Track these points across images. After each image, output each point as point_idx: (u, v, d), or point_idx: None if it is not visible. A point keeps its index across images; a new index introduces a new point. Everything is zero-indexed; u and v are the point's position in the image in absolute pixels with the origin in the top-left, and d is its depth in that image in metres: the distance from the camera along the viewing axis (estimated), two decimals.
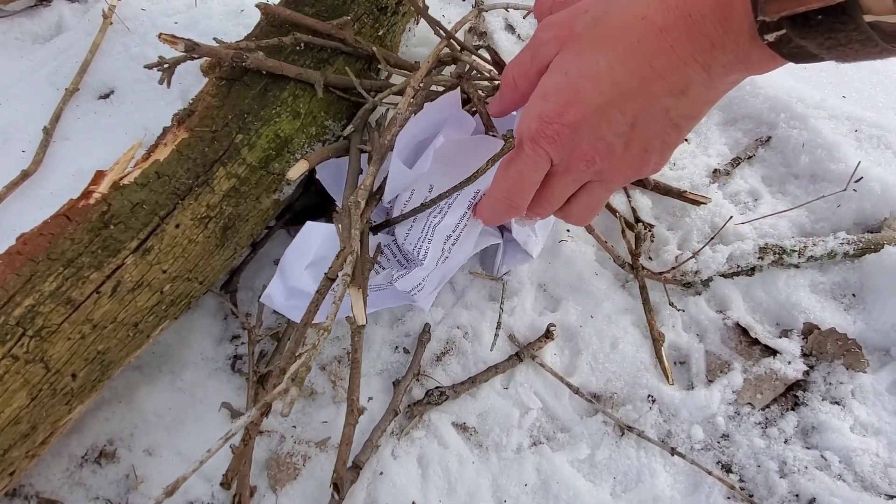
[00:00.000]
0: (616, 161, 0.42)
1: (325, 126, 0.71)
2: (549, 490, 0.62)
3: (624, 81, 0.38)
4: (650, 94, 0.38)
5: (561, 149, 0.42)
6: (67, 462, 0.60)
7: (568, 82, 0.40)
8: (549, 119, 0.41)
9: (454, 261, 0.64)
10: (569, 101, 0.40)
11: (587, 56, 0.39)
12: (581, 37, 0.40)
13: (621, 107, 0.39)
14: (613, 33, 0.38)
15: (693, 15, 0.35)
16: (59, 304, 0.50)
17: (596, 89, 0.39)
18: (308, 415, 0.66)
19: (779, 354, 0.70)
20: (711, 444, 0.66)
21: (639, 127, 0.40)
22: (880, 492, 0.62)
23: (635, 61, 0.37)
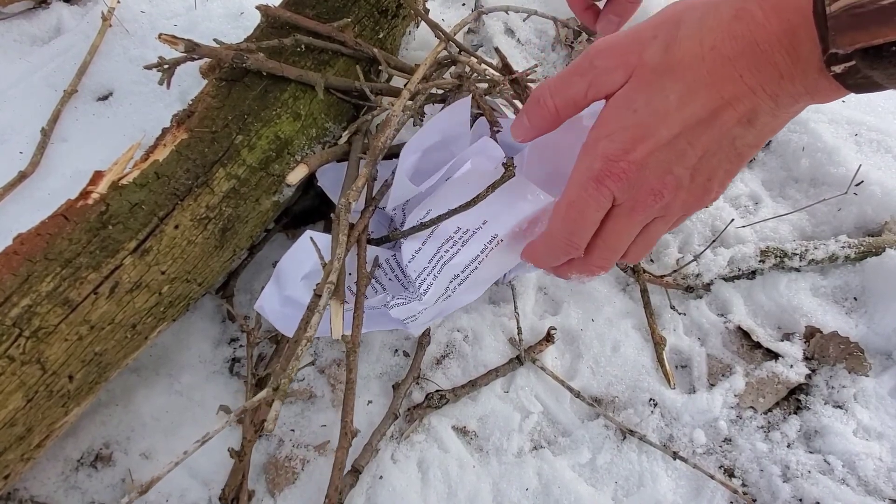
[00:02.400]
0: (683, 193, 0.41)
1: (325, 128, 0.71)
2: (551, 494, 0.62)
3: (695, 113, 0.37)
4: (720, 125, 0.37)
5: (627, 186, 0.40)
6: (63, 465, 0.59)
7: (636, 120, 0.38)
8: (616, 157, 0.39)
9: (457, 301, 0.63)
10: (636, 139, 0.38)
11: (657, 90, 0.38)
12: (650, 66, 0.38)
13: (691, 139, 0.38)
14: (683, 63, 0.37)
15: (761, 44, 0.34)
16: (56, 304, 0.50)
17: (666, 125, 0.38)
18: (307, 418, 0.65)
19: (781, 358, 0.70)
20: (714, 449, 0.65)
21: (706, 157, 0.39)
22: (884, 496, 0.61)
23: (706, 92, 0.36)
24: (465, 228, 0.59)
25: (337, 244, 0.57)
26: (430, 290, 0.60)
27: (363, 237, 0.61)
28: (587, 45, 0.95)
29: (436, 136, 0.62)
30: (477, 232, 0.59)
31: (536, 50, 1.00)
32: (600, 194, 0.41)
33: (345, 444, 0.54)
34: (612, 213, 0.42)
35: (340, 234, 0.58)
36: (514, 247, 0.61)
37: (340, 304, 0.56)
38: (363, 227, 0.62)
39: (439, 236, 0.61)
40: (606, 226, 0.43)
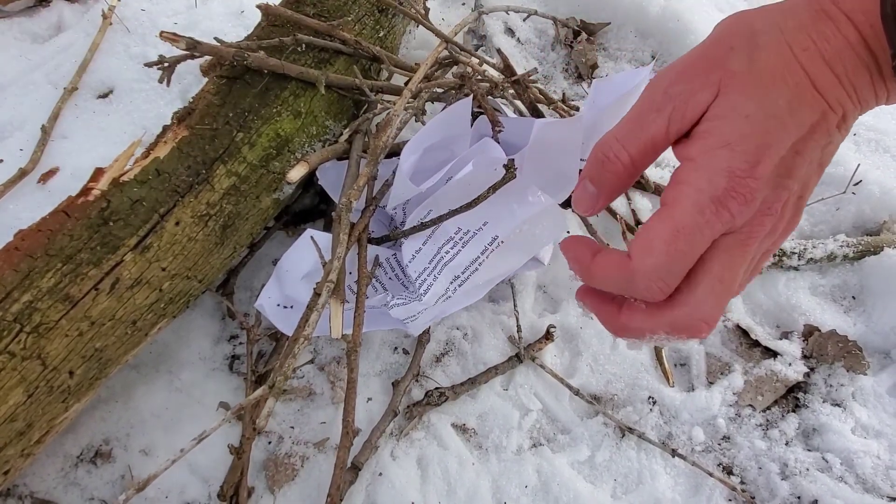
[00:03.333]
0: (788, 212, 0.35)
1: (325, 126, 0.71)
2: (550, 492, 0.62)
3: (807, 119, 0.33)
4: (826, 129, 0.34)
5: (750, 210, 0.34)
6: (62, 462, 0.59)
7: (753, 128, 0.33)
8: (743, 173, 0.33)
9: (456, 302, 0.63)
10: (761, 148, 0.33)
11: (763, 95, 0.34)
12: (742, 75, 0.34)
13: (800, 147, 0.34)
14: (781, 67, 0.34)
15: (853, 45, 0.32)
16: (56, 300, 0.50)
17: (786, 131, 0.33)
18: (306, 415, 0.65)
19: (779, 356, 0.70)
20: (712, 446, 0.65)
21: (808, 168, 0.35)
22: (882, 493, 0.61)
23: (813, 97, 0.33)
24: (465, 229, 0.60)
25: (338, 243, 0.57)
26: (431, 290, 0.60)
27: (364, 236, 0.62)
28: (585, 45, 0.95)
29: (436, 135, 0.62)
30: (478, 233, 0.59)
31: (536, 49, 1.00)
32: (719, 220, 0.33)
33: (346, 444, 0.55)
34: (723, 245, 0.34)
35: (341, 234, 0.58)
36: (514, 249, 0.61)
37: (340, 303, 0.56)
38: (364, 226, 0.62)
39: (440, 237, 0.61)
40: (719, 260, 0.34)
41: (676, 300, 0.35)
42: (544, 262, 0.71)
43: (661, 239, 0.33)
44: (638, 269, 0.34)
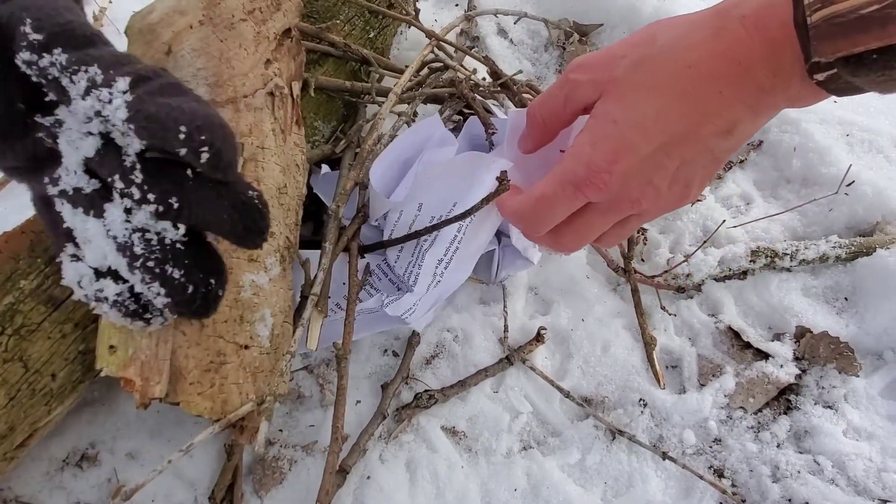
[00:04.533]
0: (661, 200, 0.42)
1: (314, 127, 0.71)
2: (540, 495, 0.61)
3: (673, 128, 0.38)
4: (698, 137, 0.38)
5: (606, 194, 0.41)
6: (47, 465, 0.59)
7: (617, 131, 0.40)
8: (598, 168, 0.40)
9: (448, 284, 0.63)
10: (618, 150, 0.40)
11: (633, 103, 0.39)
12: (623, 82, 0.40)
13: (669, 152, 0.39)
14: (659, 80, 0.38)
15: (742, 63, 0.36)
16: (39, 302, 0.50)
17: (645, 138, 0.39)
18: (295, 418, 0.64)
19: (771, 358, 0.69)
20: (703, 449, 0.65)
21: (684, 167, 0.40)
22: (873, 496, 0.61)
23: (684, 107, 0.38)
24: (437, 215, 0.60)
25: (323, 253, 0.58)
26: (419, 280, 0.60)
27: (353, 245, 0.61)
28: (578, 46, 0.95)
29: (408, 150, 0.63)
30: (449, 216, 0.60)
31: (529, 51, 1.00)
32: (575, 198, 0.42)
33: (336, 449, 0.54)
34: (587, 208, 0.44)
35: (328, 243, 0.58)
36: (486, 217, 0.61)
37: (320, 315, 0.56)
38: (352, 233, 0.62)
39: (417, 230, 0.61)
40: (580, 217, 0.44)
41: (552, 232, 0.46)
42: (534, 261, 0.70)
43: (533, 197, 0.44)
44: (515, 213, 0.47)
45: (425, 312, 0.64)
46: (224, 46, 0.56)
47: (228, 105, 0.55)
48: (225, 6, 0.57)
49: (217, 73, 0.55)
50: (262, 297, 0.52)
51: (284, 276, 0.56)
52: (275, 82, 0.59)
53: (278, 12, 0.62)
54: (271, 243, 0.55)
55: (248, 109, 0.56)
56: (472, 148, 0.66)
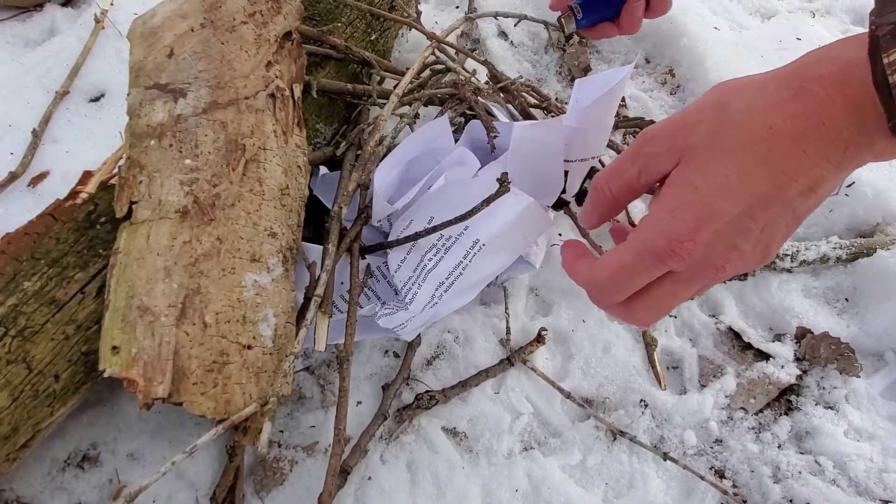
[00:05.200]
0: (744, 262, 0.41)
1: (315, 129, 0.71)
2: (540, 496, 0.61)
3: (756, 190, 0.38)
4: (783, 198, 0.38)
5: (687, 264, 0.40)
6: (49, 466, 0.59)
7: (698, 197, 0.38)
8: (681, 238, 0.38)
9: (446, 306, 0.63)
10: (702, 218, 0.38)
11: (714, 168, 0.38)
12: (700, 149, 0.39)
13: (753, 215, 0.38)
14: (738, 143, 0.38)
15: (826, 122, 0.35)
16: (42, 303, 0.50)
17: (729, 202, 0.38)
18: (296, 419, 0.65)
19: (772, 359, 0.69)
20: (704, 450, 0.65)
21: (768, 228, 0.40)
22: (874, 497, 0.61)
23: (767, 169, 0.37)
24: (447, 235, 0.60)
25: (326, 254, 0.58)
26: (416, 298, 0.60)
27: (356, 246, 0.62)
28: (578, 48, 0.95)
29: (416, 150, 0.63)
30: (459, 238, 0.59)
31: (529, 52, 1.00)
32: (656, 269, 0.40)
33: (338, 451, 0.54)
34: (666, 277, 0.41)
35: (330, 244, 0.58)
36: (497, 251, 0.61)
37: (326, 317, 0.56)
38: (355, 235, 0.62)
39: (423, 245, 0.61)
40: (660, 287, 0.42)
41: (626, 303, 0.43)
42: (535, 265, 0.70)
43: (608, 268, 0.42)
44: (590, 284, 0.44)
45: (418, 328, 0.64)
46: (225, 49, 0.57)
47: (230, 107, 0.55)
48: (226, 9, 0.58)
49: (218, 76, 0.56)
50: (264, 297, 0.52)
51: (287, 276, 0.56)
52: (276, 84, 0.59)
53: (279, 15, 0.62)
54: (274, 244, 0.55)
55: (249, 111, 0.57)
56: (473, 150, 0.67)
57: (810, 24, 1.05)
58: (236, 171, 0.54)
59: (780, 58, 0.98)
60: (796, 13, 1.09)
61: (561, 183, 0.67)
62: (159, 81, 0.54)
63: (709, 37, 0.96)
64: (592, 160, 0.69)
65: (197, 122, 0.54)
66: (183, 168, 0.52)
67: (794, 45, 0.99)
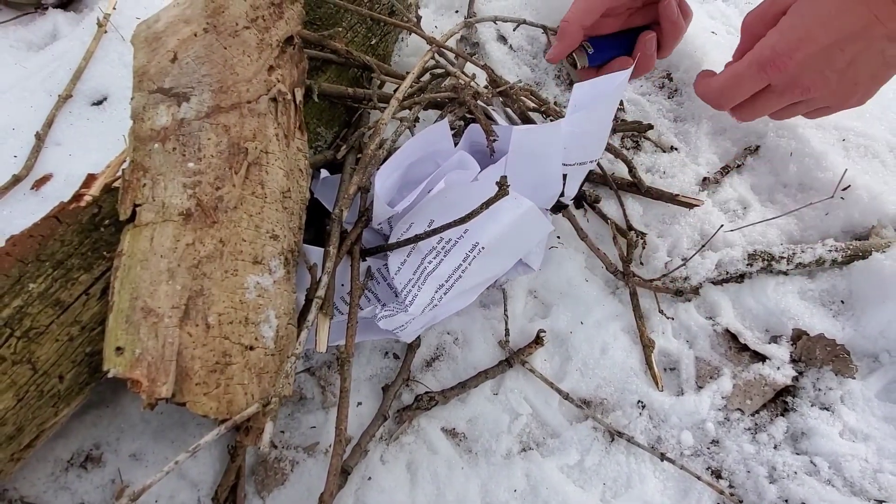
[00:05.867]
0: (828, 92, 0.51)
1: (316, 133, 0.71)
2: (539, 495, 0.62)
3: (849, 25, 0.47)
4: (870, 37, 0.47)
5: (783, 77, 0.50)
6: (53, 466, 0.59)
7: (802, 22, 0.49)
8: (781, 52, 0.50)
9: (445, 309, 0.64)
10: (801, 39, 0.49)
11: (819, 3, 0.48)
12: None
13: (843, 47, 0.47)
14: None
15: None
16: (47, 305, 0.50)
17: (824, 31, 0.48)
18: (297, 420, 0.65)
19: (768, 360, 0.70)
20: (701, 450, 0.66)
21: (854, 64, 0.48)
22: (869, 497, 0.62)
23: (860, 9, 0.46)
24: (447, 238, 0.60)
25: (328, 257, 0.58)
26: (416, 301, 0.61)
27: (356, 249, 0.62)
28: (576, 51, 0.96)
29: (416, 154, 0.64)
30: (459, 241, 0.60)
31: (528, 56, 1.01)
32: (759, 77, 0.52)
33: (339, 451, 0.55)
34: (766, 90, 0.55)
35: (331, 247, 0.59)
36: (497, 254, 0.62)
37: (326, 318, 0.57)
38: (355, 237, 0.63)
39: (423, 248, 0.62)
40: (758, 97, 0.56)
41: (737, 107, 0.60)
42: (535, 267, 0.71)
43: (725, 75, 0.57)
44: (709, 88, 0.60)
45: (417, 330, 0.65)
46: (228, 54, 0.57)
47: (233, 110, 0.56)
48: (228, 15, 0.58)
49: (221, 80, 0.56)
50: (266, 299, 0.53)
51: (289, 278, 0.56)
52: (278, 88, 0.60)
53: (281, 20, 0.63)
54: (276, 246, 0.55)
55: (251, 115, 0.57)
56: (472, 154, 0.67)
57: None
58: (239, 174, 0.55)
59: None
60: None
61: (559, 186, 0.67)
62: (163, 86, 0.55)
63: (706, 41, 0.97)
64: (591, 164, 0.69)
65: (200, 125, 0.55)
66: (186, 171, 0.53)
67: None
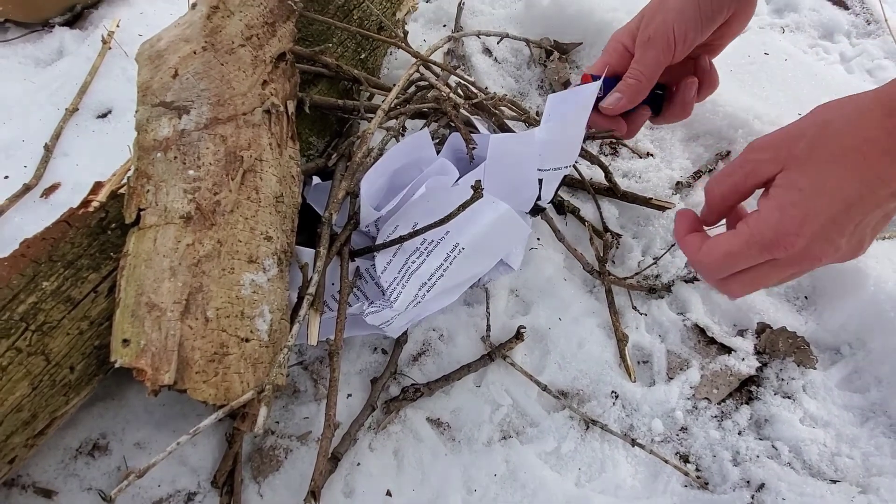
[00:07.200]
0: (838, 255, 0.48)
1: (309, 142, 0.76)
2: (517, 479, 0.66)
3: (853, 194, 0.44)
4: (875, 200, 0.45)
5: (791, 254, 0.47)
6: (62, 454, 0.64)
7: (802, 197, 0.45)
8: (786, 232, 0.46)
9: (429, 306, 0.68)
10: (805, 215, 0.45)
11: (816, 175, 0.45)
12: (804, 157, 0.46)
13: (850, 213, 0.45)
14: (839, 153, 0.45)
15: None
16: (59, 301, 0.55)
17: (829, 202, 0.45)
18: (290, 411, 0.69)
19: (734, 352, 0.75)
20: (671, 437, 0.70)
21: (861, 226, 0.46)
22: (826, 478, 0.66)
23: (863, 175, 0.44)
24: (430, 239, 0.65)
25: (318, 257, 0.63)
26: (400, 298, 0.65)
27: (345, 250, 0.67)
28: (558, 63, 1.01)
29: (399, 161, 0.68)
30: (440, 242, 0.65)
31: (513, 68, 1.06)
32: (761, 257, 0.48)
33: (328, 434, 0.59)
34: (768, 262, 0.49)
35: (322, 247, 0.63)
36: (477, 255, 0.66)
37: (317, 314, 0.61)
38: (345, 239, 0.67)
39: (407, 248, 0.66)
40: (759, 269, 0.49)
41: (725, 280, 0.52)
42: (515, 267, 0.76)
43: (718, 252, 0.50)
44: (698, 262, 0.52)
45: (403, 325, 0.69)
46: (225, 70, 0.62)
47: (229, 122, 0.61)
48: (225, 34, 0.63)
49: (219, 94, 0.61)
50: (261, 295, 0.57)
51: (282, 276, 0.61)
52: (271, 101, 0.65)
53: (274, 38, 0.68)
54: (269, 246, 0.60)
55: (247, 125, 0.62)
56: (454, 161, 0.72)
57: (778, 39, 1.11)
58: (235, 180, 0.59)
59: (748, 72, 1.04)
60: (766, 29, 1.15)
61: (535, 190, 0.72)
62: (165, 99, 0.60)
63: None
64: (566, 168, 0.74)
65: (199, 136, 0.59)
66: (186, 178, 0.58)
67: (762, 59, 1.05)
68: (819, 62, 1.09)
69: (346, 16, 0.83)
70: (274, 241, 0.61)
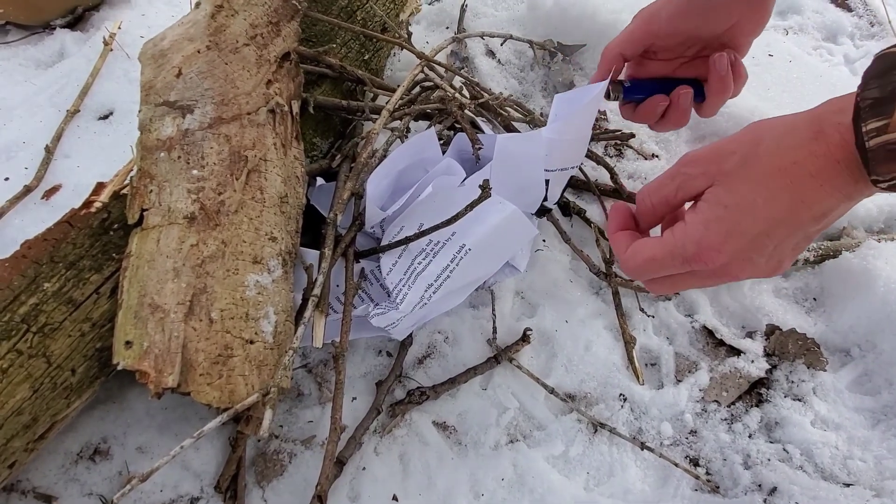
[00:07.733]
0: (756, 273, 0.48)
1: (313, 143, 0.75)
2: (525, 484, 0.65)
3: (777, 214, 0.44)
4: (797, 222, 0.45)
5: (709, 267, 0.47)
6: (63, 459, 0.63)
7: (728, 215, 0.46)
8: (708, 247, 0.46)
9: (435, 307, 0.67)
10: (729, 232, 0.45)
11: (743, 193, 0.45)
12: (733, 175, 0.46)
13: (771, 234, 0.45)
14: (767, 173, 0.44)
15: (841, 162, 0.42)
16: (61, 303, 0.54)
17: (753, 222, 0.45)
18: (294, 415, 0.68)
19: (743, 354, 0.74)
20: (680, 440, 0.69)
21: (780, 246, 0.46)
22: (838, 481, 0.65)
23: (788, 197, 0.44)
24: (436, 240, 0.64)
25: (323, 258, 0.62)
26: (406, 299, 0.64)
27: (350, 251, 0.66)
28: (562, 65, 1.01)
29: (405, 161, 0.68)
30: (447, 243, 0.64)
31: (516, 70, 1.05)
32: (682, 267, 0.48)
33: (334, 438, 0.58)
34: (689, 273, 0.50)
35: (326, 248, 0.62)
36: (484, 256, 0.65)
37: (322, 315, 0.60)
38: (349, 240, 0.66)
39: (413, 249, 0.66)
40: (680, 276, 0.51)
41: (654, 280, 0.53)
42: (521, 269, 0.75)
43: (642, 257, 0.50)
44: (623, 262, 0.53)
45: (409, 327, 0.68)
46: (229, 69, 0.62)
47: (234, 122, 0.60)
48: (229, 33, 0.63)
49: (223, 93, 0.61)
50: (265, 296, 0.57)
51: (286, 277, 0.60)
52: (276, 101, 0.64)
53: (278, 37, 0.67)
54: (274, 247, 0.59)
55: (251, 125, 0.61)
56: (460, 161, 0.71)
57: (782, 41, 1.10)
58: (239, 180, 0.58)
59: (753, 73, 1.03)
60: (770, 30, 1.14)
61: (542, 191, 0.71)
62: (168, 99, 0.59)
63: None
64: (572, 169, 0.73)
65: (203, 135, 0.59)
66: (190, 178, 0.57)
67: (766, 61, 1.04)
68: (823, 63, 1.09)
69: (349, 17, 0.83)
70: (279, 241, 0.60)
